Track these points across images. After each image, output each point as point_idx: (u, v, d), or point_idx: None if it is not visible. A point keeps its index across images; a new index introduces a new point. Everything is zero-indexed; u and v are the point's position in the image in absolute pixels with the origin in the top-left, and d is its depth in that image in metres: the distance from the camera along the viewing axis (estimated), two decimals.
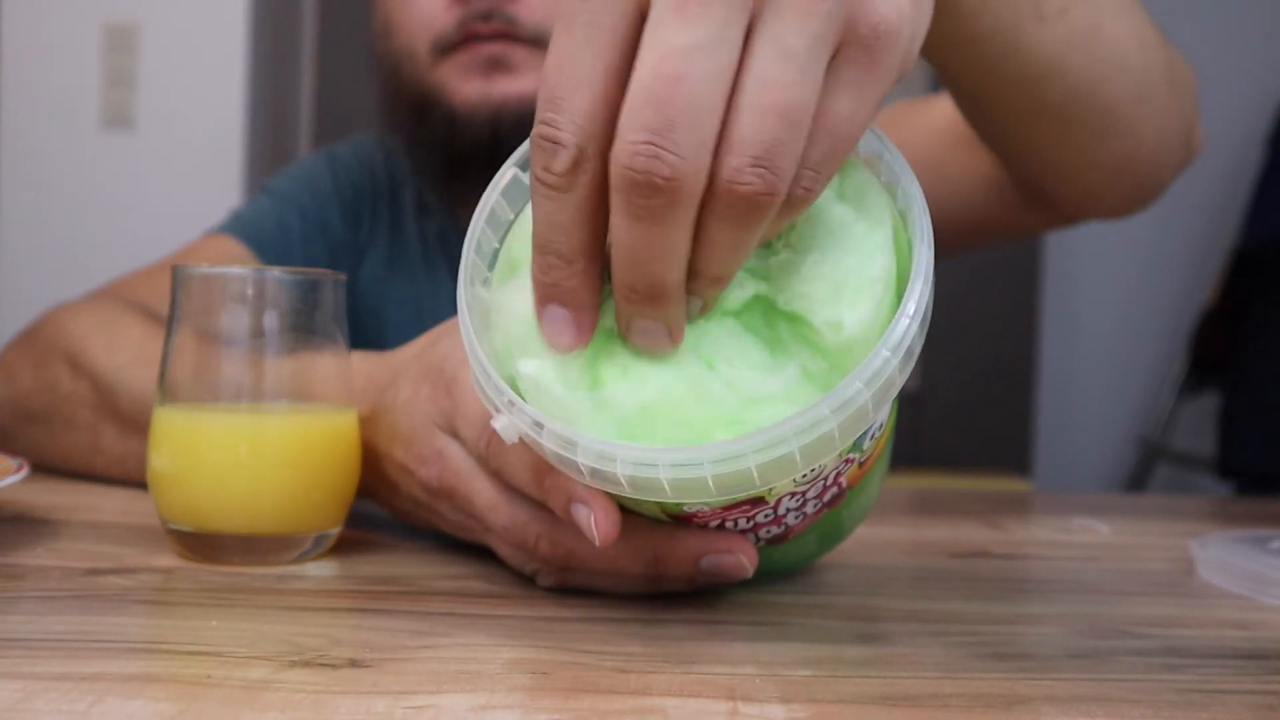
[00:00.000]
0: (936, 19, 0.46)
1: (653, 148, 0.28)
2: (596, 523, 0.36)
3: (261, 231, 0.83)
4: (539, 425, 0.34)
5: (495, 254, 0.38)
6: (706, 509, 0.37)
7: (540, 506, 0.40)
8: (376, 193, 0.90)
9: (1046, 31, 0.51)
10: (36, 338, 0.67)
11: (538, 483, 0.38)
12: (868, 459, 0.40)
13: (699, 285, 0.32)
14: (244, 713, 0.27)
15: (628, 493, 0.33)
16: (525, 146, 0.37)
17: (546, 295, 0.33)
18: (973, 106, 0.59)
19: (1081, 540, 0.59)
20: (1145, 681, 0.33)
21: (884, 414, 0.38)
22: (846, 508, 0.42)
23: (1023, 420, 2.32)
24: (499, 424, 0.35)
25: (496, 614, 0.38)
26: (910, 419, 2.22)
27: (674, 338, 0.33)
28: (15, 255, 2.04)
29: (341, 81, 2.25)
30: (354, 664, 0.31)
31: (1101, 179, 0.62)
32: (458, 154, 0.80)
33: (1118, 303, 2.64)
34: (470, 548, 0.48)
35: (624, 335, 0.33)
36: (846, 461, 0.37)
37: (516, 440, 0.35)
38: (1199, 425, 2.47)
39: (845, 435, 0.32)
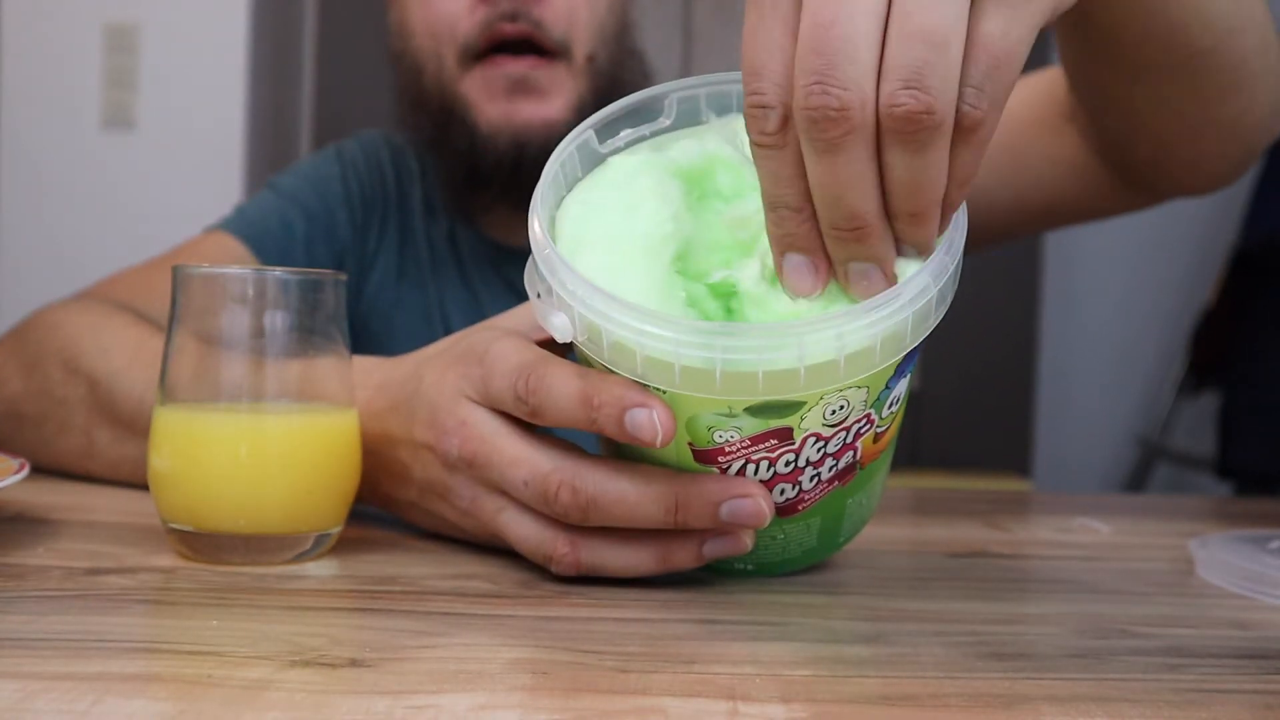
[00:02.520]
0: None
1: (820, 85, 0.32)
2: (659, 418, 0.37)
3: (264, 231, 0.82)
4: (605, 315, 0.36)
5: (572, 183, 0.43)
6: (736, 436, 0.38)
7: (564, 456, 0.41)
8: (386, 196, 0.89)
9: None
10: (26, 340, 0.67)
11: (585, 404, 0.39)
12: (883, 433, 0.41)
13: (900, 225, 0.35)
14: (244, 713, 0.27)
15: (678, 386, 0.36)
16: (600, 115, 0.43)
17: (784, 245, 0.36)
18: (1106, 70, 0.59)
19: (1081, 540, 0.59)
20: (1145, 681, 0.33)
21: (902, 386, 0.39)
22: (851, 495, 0.43)
23: (1023, 420, 2.32)
24: (557, 320, 0.38)
25: (496, 614, 0.38)
26: (910, 419, 2.21)
27: (888, 276, 0.36)
28: (15, 255, 2.04)
29: (341, 81, 2.25)
30: (354, 664, 0.31)
31: (1214, 139, 0.63)
32: (478, 171, 0.80)
33: (1118, 303, 2.64)
34: (471, 548, 0.48)
35: (844, 286, 0.36)
36: (867, 420, 0.39)
37: (570, 339, 0.38)
38: (1198, 425, 2.47)
39: (885, 353, 0.35)
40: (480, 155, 0.79)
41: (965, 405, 2.27)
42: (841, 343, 0.35)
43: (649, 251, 0.39)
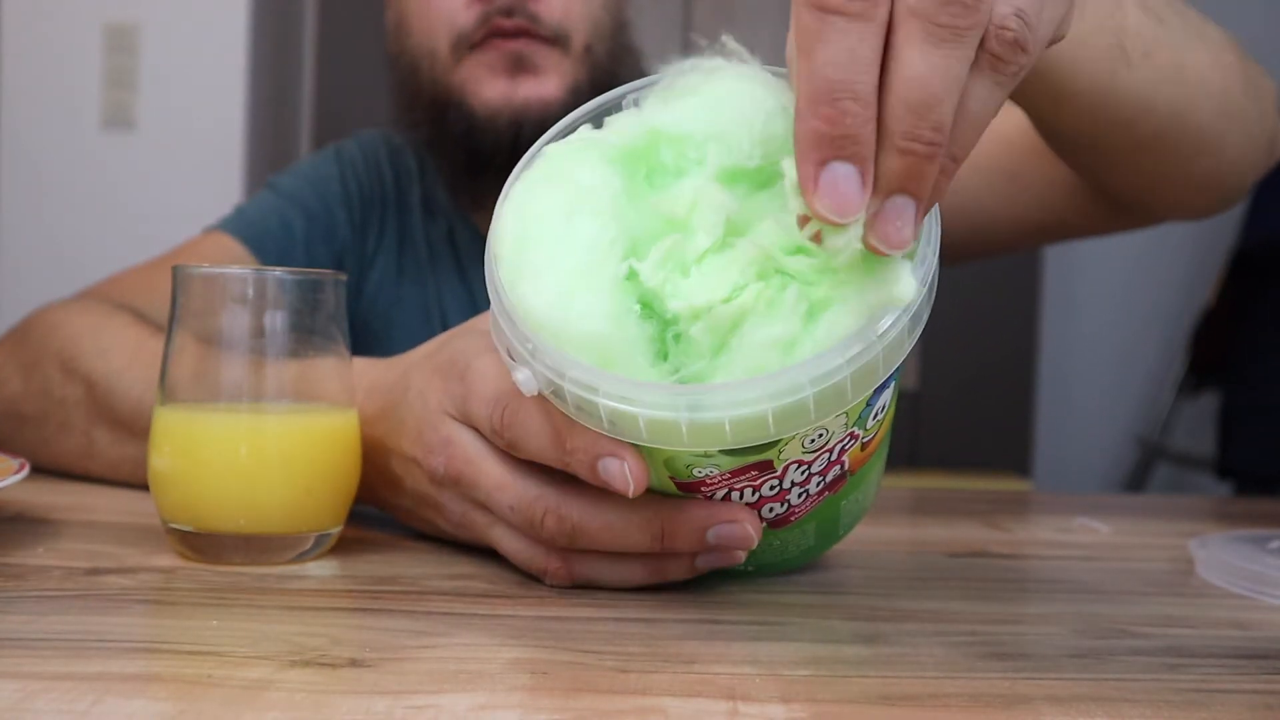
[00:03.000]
0: (1033, 81, 0.48)
1: None
2: (630, 470, 0.36)
3: (264, 231, 0.82)
4: (561, 373, 0.35)
5: None
6: (716, 471, 0.37)
7: (548, 482, 0.40)
8: (385, 196, 0.90)
9: (1136, 75, 0.53)
10: (25, 340, 0.66)
11: (558, 446, 0.38)
12: (870, 440, 0.40)
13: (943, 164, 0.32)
14: (244, 713, 0.27)
15: (645, 440, 0.35)
16: (559, 126, 0.40)
17: (834, 149, 0.30)
18: (1064, 146, 0.61)
19: (1081, 540, 0.59)
20: (1145, 681, 0.33)
21: (887, 396, 0.39)
22: (845, 497, 0.42)
23: (1023, 420, 2.32)
24: (520, 376, 0.36)
25: (496, 614, 0.38)
26: (909, 419, 2.21)
27: (917, 226, 0.32)
28: (15, 255, 2.04)
29: (341, 81, 2.25)
30: (354, 664, 0.31)
31: (1189, 190, 0.64)
32: (477, 155, 0.80)
33: (1118, 303, 2.64)
34: (470, 548, 0.48)
35: (871, 226, 0.32)
36: (851, 436, 0.38)
37: (536, 393, 0.36)
38: (1198, 425, 2.47)
39: (857, 389, 0.34)
40: (479, 138, 0.79)
41: (965, 405, 2.27)
42: (810, 389, 0.33)
43: (595, 264, 0.36)
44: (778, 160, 0.36)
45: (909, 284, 0.33)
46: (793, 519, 0.41)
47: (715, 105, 0.38)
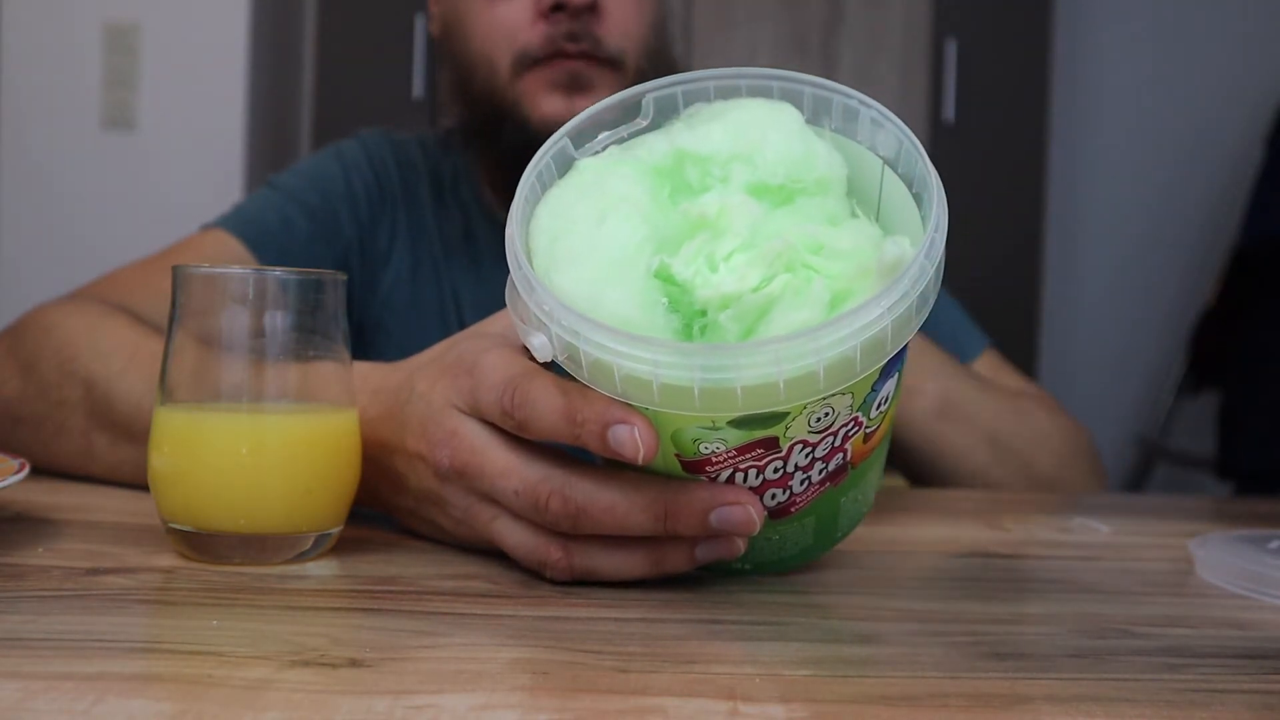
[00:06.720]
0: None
1: None
2: (641, 435, 0.37)
3: (263, 229, 0.82)
4: (577, 333, 0.36)
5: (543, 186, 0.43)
6: (723, 448, 0.38)
7: (553, 465, 0.41)
8: (394, 194, 0.90)
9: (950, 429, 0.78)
10: (21, 341, 0.66)
11: (568, 420, 0.39)
12: (874, 432, 0.41)
13: None
14: (244, 713, 0.27)
15: (657, 404, 0.36)
16: (577, 120, 0.43)
17: None
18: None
19: (1081, 540, 0.59)
20: (1145, 681, 0.33)
21: (891, 386, 0.39)
22: (845, 494, 0.43)
23: None
24: (535, 341, 0.38)
25: (496, 614, 0.38)
26: None
27: None
28: (15, 255, 2.04)
29: (341, 81, 2.25)
30: (354, 664, 0.31)
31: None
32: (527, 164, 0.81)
33: (1117, 303, 2.64)
34: (470, 548, 0.48)
35: None
36: (855, 422, 0.39)
37: (550, 359, 0.38)
38: (1198, 425, 2.46)
39: (866, 361, 0.35)
40: (533, 150, 0.80)
41: None
42: (820, 356, 0.34)
43: (625, 261, 0.39)
44: (799, 178, 0.40)
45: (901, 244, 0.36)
46: (794, 509, 0.41)
47: (740, 128, 0.41)
